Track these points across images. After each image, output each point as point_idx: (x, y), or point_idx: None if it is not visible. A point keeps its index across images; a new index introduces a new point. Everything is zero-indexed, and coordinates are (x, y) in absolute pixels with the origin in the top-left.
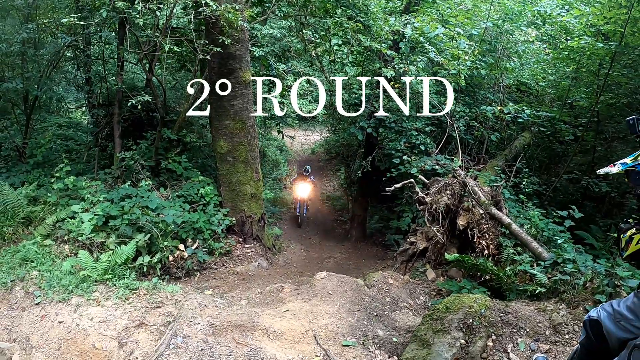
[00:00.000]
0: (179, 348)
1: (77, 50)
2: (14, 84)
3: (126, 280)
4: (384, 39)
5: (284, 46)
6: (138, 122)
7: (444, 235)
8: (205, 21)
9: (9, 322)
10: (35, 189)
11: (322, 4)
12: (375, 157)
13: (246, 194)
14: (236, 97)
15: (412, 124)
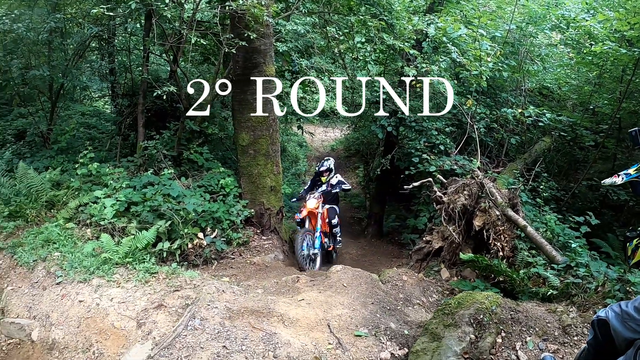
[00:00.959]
0: (196, 330)
1: (102, 40)
2: (41, 72)
3: (146, 264)
4: (407, 38)
5: (307, 42)
6: (161, 112)
7: (460, 236)
8: (231, 15)
9: (29, 300)
10: (59, 174)
11: (346, 2)
12: (394, 156)
13: (266, 186)
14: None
15: (433, 123)
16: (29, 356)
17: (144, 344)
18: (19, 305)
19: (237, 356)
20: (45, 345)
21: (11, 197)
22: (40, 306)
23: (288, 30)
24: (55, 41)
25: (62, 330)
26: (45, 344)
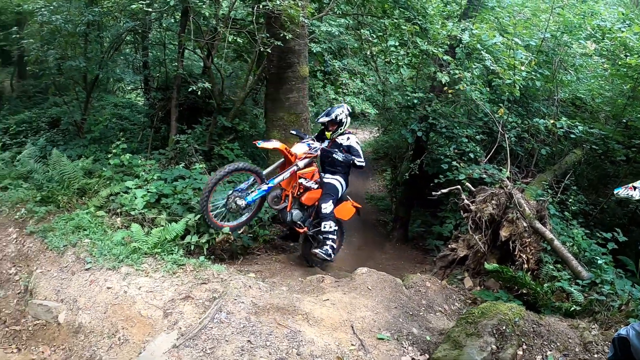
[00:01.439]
0: (222, 323)
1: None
2: (77, 63)
3: (174, 255)
4: (441, 43)
5: (340, 43)
6: (193, 107)
7: (485, 245)
8: (267, 15)
9: (58, 284)
10: (92, 162)
11: (380, 4)
12: (423, 161)
13: None
14: (292, 90)
15: (464, 130)
16: (54, 337)
17: (170, 334)
18: (47, 288)
19: (261, 351)
20: (71, 328)
21: (44, 182)
22: (68, 290)
23: (322, 32)
24: (91, 34)
25: (89, 314)
26: (72, 327)
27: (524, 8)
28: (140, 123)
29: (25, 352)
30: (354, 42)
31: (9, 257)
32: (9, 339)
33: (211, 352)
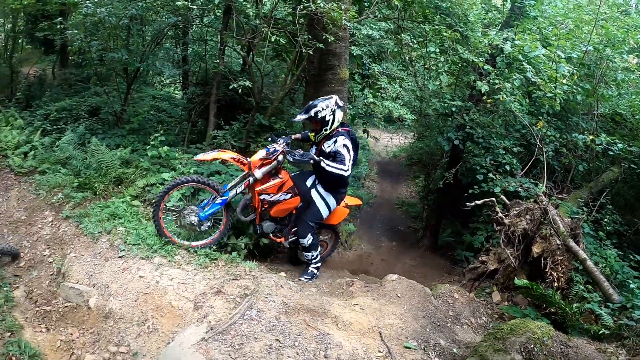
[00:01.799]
0: (252, 320)
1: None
2: (119, 55)
3: (207, 249)
4: (481, 52)
5: (380, 47)
6: (231, 104)
7: (517, 260)
8: (309, 16)
9: (90, 269)
10: (129, 152)
11: (421, 9)
12: (458, 170)
13: None
14: (332, 92)
15: (501, 142)
16: (83, 321)
17: (199, 326)
18: (80, 272)
19: (289, 351)
20: (101, 313)
21: (81, 169)
22: (100, 276)
23: (362, 35)
24: (134, 27)
25: (120, 301)
26: (102, 311)
27: (566, 19)
28: (177, 116)
29: (54, 332)
30: (393, 46)
31: (43, 239)
32: (38, 318)
33: (239, 347)
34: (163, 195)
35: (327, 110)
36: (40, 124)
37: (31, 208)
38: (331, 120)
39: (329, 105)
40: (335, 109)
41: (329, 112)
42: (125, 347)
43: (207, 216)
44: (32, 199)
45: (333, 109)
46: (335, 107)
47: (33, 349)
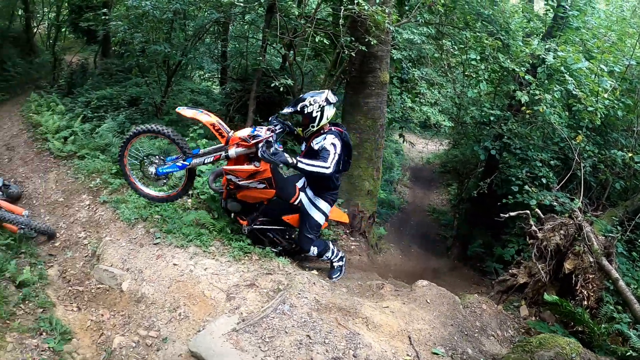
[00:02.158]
0: (284, 315)
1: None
2: (162, 48)
3: (242, 243)
4: (522, 61)
5: (421, 52)
6: (269, 101)
7: (547, 275)
8: (352, 18)
9: (125, 253)
10: (167, 143)
11: (463, 16)
12: (493, 181)
13: (363, 189)
14: (372, 95)
15: (538, 154)
16: (115, 303)
17: (231, 317)
18: (114, 256)
19: (318, 347)
20: (133, 297)
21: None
22: (134, 261)
23: (403, 39)
24: (177, 21)
25: (153, 287)
26: (134, 295)
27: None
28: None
29: (85, 312)
30: (433, 51)
31: (79, 221)
32: (70, 297)
33: (270, 341)
34: (131, 137)
35: (315, 106)
36: (81, 111)
37: (69, 191)
38: (318, 117)
39: (317, 101)
40: (324, 105)
41: (317, 108)
42: (155, 332)
43: (163, 173)
44: (70, 182)
45: (321, 105)
46: (325, 104)
47: (64, 327)
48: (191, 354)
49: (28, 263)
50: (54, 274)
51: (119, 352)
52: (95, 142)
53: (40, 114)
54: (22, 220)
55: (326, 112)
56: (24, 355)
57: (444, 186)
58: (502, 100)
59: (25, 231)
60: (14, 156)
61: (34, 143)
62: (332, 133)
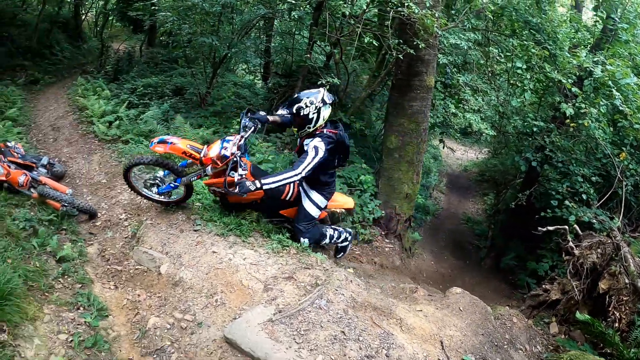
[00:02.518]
0: (320, 309)
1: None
2: (210, 40)
3: (280, 236)
4: (569, 73)
5: (467, 58)
6: None
7: (581, 294)
8: (401, 21)
9: (165, 237)
10: (211, 133)
11: (511, 23)
12: (532, 193)
13: (402, 192)
14: (416, 99)
15: (580, 169)
16: (152, 285)
17: (267, 307)
18: (154, 239)
19: (352, 344)
20: (170, 280)
21: None
22: (174, 245)
23: (449, 44)
24: (225, 15)
25: (191, 272)
26: (171, 279)
27: None
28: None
29: (122, 291)
30: (479, 58)
31: (121, 203)
32: (108, 275)
33: (305, 334)
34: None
35: (312, 108)
36: (126, 97)
37: (112, 173)
38: (315, 119)
39: (313, 102)
40: (320, 107)
41: (313, 110)
42: (190, 316)
43: (162, 191)
44: (113, 165)
45: (318, 107)
46: (321, 105)
47: (100, 303)
48: (225, 340)
49: (69, 240)
50: (93, 252)
51: (152, 332)
52: (140, 128)
53: (87, 98)
54: (65, 198)
55: (322, 113)
56: (60, 327)
57: (480, 195)
58: (546, 112)
59: (68, 209)
60: (59, 136)
61: (79, 125)
62: (322, 136)
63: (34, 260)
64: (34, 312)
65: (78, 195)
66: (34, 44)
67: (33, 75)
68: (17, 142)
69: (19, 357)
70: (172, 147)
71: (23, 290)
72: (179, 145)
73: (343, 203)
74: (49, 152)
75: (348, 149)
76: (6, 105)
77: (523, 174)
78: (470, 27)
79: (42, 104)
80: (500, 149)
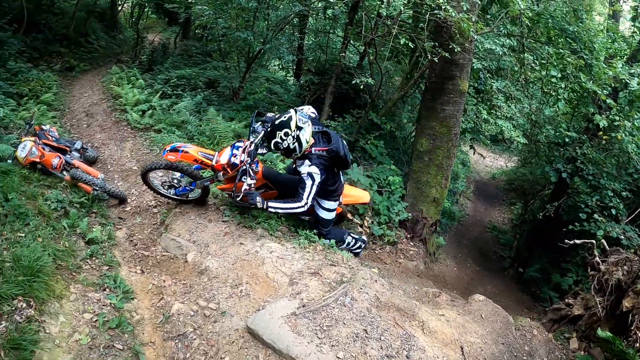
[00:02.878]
0: (344, 306)
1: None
2: (245, 35)
3: (308, 232)
4: (604, 84)
5: (501, 64)
6: (344, 97)
7: (604, 310)
8: (437, 24)
9: (193, 226)
10: (243, 127)
11: (547, 30)
12: (561, 205)
13: (430, 196)
14: (449, 102)
15: (611, 183)
16: (178, 271)
17: (292, 301)
18: (183, 227)
19: (373, 343)
20: (196, 268)
21: (195, 134)
22: (202, 235)
23: (484, 49)
24: (261, 11)
25: (217, 261)
26: (197, 267)
27: None
28: (287, 101)
29: (148, 276)
30: (514, 64)
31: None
32: (135, 260)
33: (327, 329)
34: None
35: (289, 139)
36: (160, 87)
37: (143, 161)
38: (297, 147)
39: (288, 133)
40: (297, 134)
41: (291, 141)
42: (214, 304)
43: (179, 193)
44: (144, 152)
45: (295, 135)
46: (297, 131)
47: (127, 286)
48: (248, 330)
49: (98, 223)
50: (122, 236)
51: (176, 318)
52: (172, 118)
53: (121, 86)
54: (97, 182)
55: (303, 137)
56: (86, 306)
57: (507, 204)
58: (579, 122)
59: (99, 193)
60: (92, 122)
61: (113, 112)
62: (311, 159)
63: (64, 240)
64: (60, 291)
65: (109, 181)
66: (70, 32)
67: (69, 62)
68: (52, 125)
69: (43, 332)
70: (183, 155)
71: (51, 268)
72: (190, 153)
73: (358, 197)
74: (82, 137)
75: (346, 158)
76: (42, 89)
77: (552, 185)
78: (506, 33)
79: (77, 90)
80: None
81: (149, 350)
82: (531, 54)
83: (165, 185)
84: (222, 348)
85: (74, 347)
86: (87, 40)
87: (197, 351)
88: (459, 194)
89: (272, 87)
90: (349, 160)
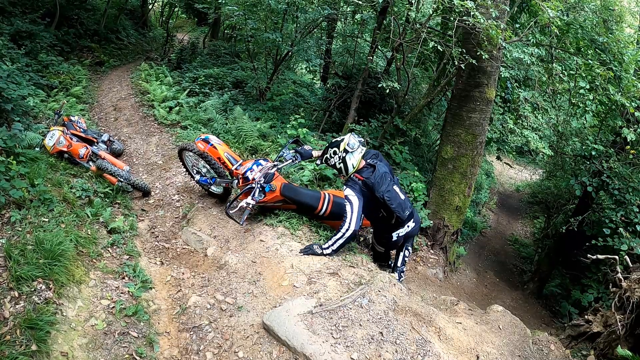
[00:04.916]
0: (361, 308)
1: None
2: (274, 37)
3: (329, 232)
4: (633, 97)
5: (528, 74)
6: (369, 102)
7: (624, 329)
8: (465, 30)
9: (214, 222)
10: (268, 127)
11: (576, 41)
12: (585, 219)
13: (452, 204)
14: (475, 110)
15: (637, 199)
16: (197, 265)
17: (309, 300)
18: (204, 222)
19: (389, 346)
20: (215, 263)
21: (220, 132)
22: (222, 230)
23: (512, 57)
24: (290, 14)
25: (237, 257)
26: (216, 262)
27: None
28: (313, 104)
29: (167, 268)
30: (542, 74)
31: (175, 185)
32: (155, 251)
33: (343, 329)
34: (182, 149)
35: (335, 158)
36: (187, 85)
37: (168, 156)
38: (343, 168)
39: (336, 152)
40: (344, 156)
41: (338, 160)
42: (231, 299)
43: (200, 181)
44: (170, 148)
45: (341, 157)
46: (344, 154)
47: (145, 276)
48: (263, 326)
49: (121, 213)
50: (143, 227)
51: (192, 310)
52: (199, 116)
53: (149, 83)
54: (122, 174)
55: (350, 161)
56: (104, 293)
57: (530, 218)
58: (606, 136)
59: (123, 184)
60: (120, 116)
61: (140, 108)
62: (348, 183)
63: (87, 228)
64: (80, 276)
65: (134, 173)
66: (101, 28)
67: (99, 57)
68: (80, 117)
69: (60, 315)
70: (210, 149)
71: (73, 254)
72: (217, 149)
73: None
74: (109, 130)
75: (381, 185)
76: (72, 82)
77: (576, 199)
78: (535, 42)
79: (106, 85)
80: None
81: (164, 340)
82: (560, 64)
83: (194, 168)
84: (236, 342)
85: (90, 332)
86: (117, 36)
87: (211, 344)
88: (481, 205)
89: (299, 90)
90: (379, 197)
